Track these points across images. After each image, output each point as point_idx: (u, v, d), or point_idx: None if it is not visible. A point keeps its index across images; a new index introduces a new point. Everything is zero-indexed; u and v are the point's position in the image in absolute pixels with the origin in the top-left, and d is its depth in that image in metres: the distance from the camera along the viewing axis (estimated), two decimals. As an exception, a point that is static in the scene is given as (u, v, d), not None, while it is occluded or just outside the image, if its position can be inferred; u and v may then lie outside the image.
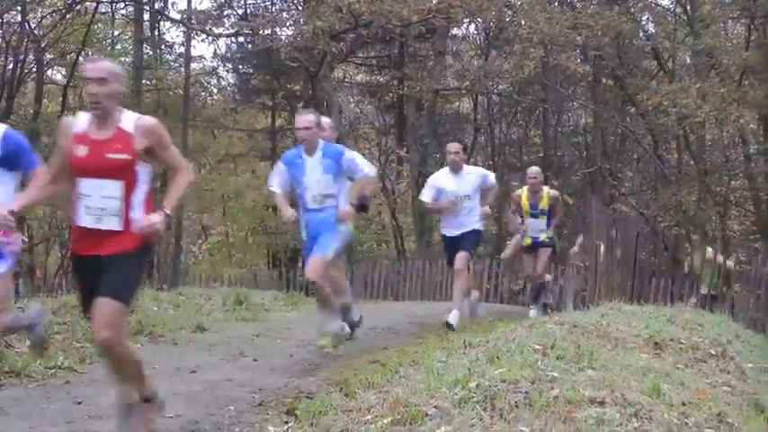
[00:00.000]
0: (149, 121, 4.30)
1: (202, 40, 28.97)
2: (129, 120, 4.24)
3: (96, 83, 4.16)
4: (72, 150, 4.23)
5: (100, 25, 23.92)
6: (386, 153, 25.21)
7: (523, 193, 10.57)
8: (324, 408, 4.52)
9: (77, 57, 22.43)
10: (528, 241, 10.63)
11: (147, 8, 22.04)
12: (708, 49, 18.16)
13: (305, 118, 7.02)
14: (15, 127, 6.58)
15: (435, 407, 4.13)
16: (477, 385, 4.32)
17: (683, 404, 4.34)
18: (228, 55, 25.32)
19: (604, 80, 22.79)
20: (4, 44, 21.10)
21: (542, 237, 10.49)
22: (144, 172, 4.26)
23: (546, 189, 10.62)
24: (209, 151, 25.00)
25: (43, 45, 21.87)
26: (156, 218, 4.18)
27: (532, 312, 10.40)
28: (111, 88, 4.19)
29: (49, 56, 22.83)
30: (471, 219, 8.85)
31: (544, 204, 10.46)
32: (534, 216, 10.47)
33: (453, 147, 9.09)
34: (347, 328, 7.22)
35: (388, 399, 4.38)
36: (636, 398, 4.22)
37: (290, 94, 24.21)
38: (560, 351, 5.12)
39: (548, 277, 11.91)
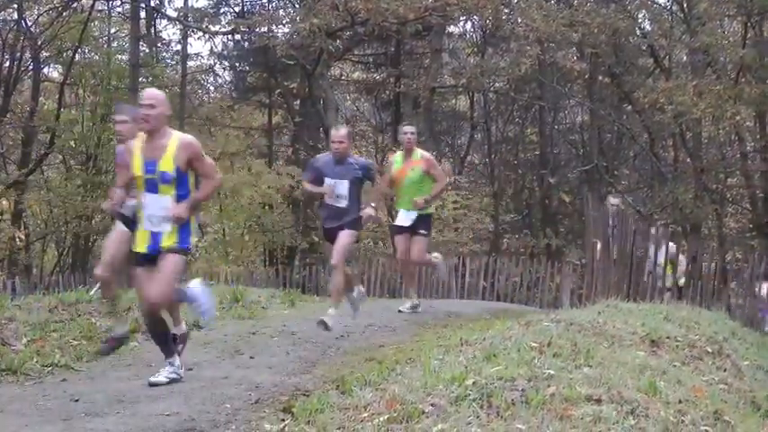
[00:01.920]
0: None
1: (199, 38, 28.88)
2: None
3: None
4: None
5: (96, 23, 23.88)
6: (383, 151, 25.19)
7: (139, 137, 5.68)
8: (320, 405, 4.52)
9: (74, 54, 22.42)
10: (141, 242, 5.58)
11: (144, 5, 22.01)
12: (704, 47, 18.18)
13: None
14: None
15: (432, 404, 4.14)
16: (473, 383, 4.33)
17: (680, 402, 4.36)
18: (225, 53, 25.28)
19: (601, 78, 22.83)
20: (0, 42, 21.07)
21: (166, 235, 5.50)
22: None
23: (176, 133, 5.62)
24: (206, 149, 24.91)
25: (40, 43, 21.85)
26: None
27: (161, 376, 5.62)
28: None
29: (45, 53, 22.81)
30: None
31: (167, 164, 5.46)
32: (152, 188, 5.50)
33: None
34: None
35: (385, 396, 4.38)
36: (632, 395, 4.23)
37: (287, 92, 24.18)
38: (557, 349, 5.13)
39: (359, 289, 8.07)
